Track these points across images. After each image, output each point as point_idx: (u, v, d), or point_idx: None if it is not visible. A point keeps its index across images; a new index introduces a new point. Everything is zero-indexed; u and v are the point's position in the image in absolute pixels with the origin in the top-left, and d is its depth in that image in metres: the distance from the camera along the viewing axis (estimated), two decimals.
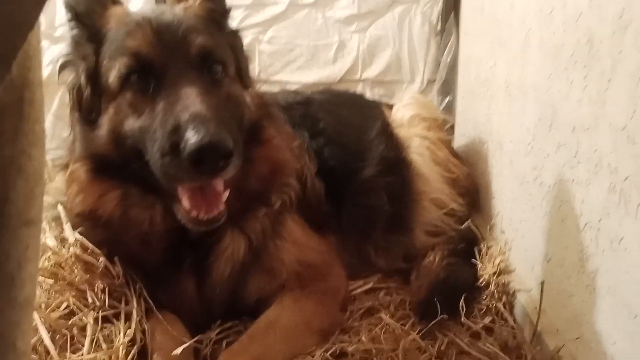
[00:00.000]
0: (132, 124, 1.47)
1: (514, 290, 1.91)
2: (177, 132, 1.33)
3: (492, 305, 1.90)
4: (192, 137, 1.28)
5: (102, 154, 1.54)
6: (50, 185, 1.82)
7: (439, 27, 3.28)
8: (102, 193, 1.56)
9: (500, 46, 2.21)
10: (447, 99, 3.27)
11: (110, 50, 1.50)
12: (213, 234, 1.62)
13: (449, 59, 3.19)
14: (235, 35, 1.75)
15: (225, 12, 1.73)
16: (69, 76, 1.59)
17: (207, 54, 1.52)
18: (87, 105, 1.54)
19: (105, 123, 1.51)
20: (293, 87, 2.93)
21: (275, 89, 2.41)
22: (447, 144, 2.55)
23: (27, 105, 0.74)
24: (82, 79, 1.54)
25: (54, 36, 2.96)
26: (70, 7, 1.56)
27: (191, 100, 1.37)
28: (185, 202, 1.44)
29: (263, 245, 1.71)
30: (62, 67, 1.61)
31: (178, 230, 1.56)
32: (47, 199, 1.76)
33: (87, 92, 1.53)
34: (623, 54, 1.22)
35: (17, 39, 0.64)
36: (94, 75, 1.52)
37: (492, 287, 1.96)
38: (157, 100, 1.42)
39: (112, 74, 1.47)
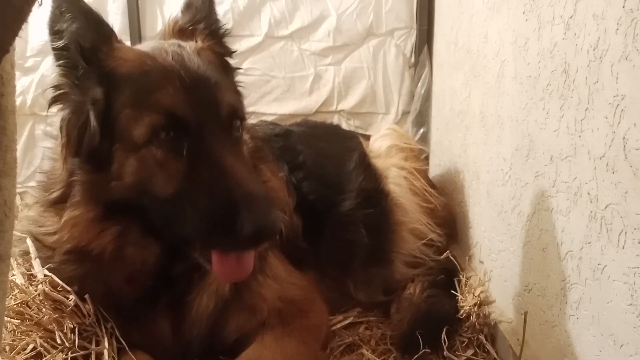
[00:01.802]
0: (163, 183, 1.41)
1: (495, 322, 1.89)
2: (230, 208, 1.31)
3: (474, 337, 1.88)
4: (252, 222, 1.29)
5: (119, 200, 1.46)
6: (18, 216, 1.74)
7: (412, 60, 3.35)
8: (102, 229, 1.49)
9: (474, 78, 2.25)
10: (421, 130, 3.32)
11: (132, 98, 1.42)
12: (198, 269, 1.56)
13: (423, 91, 3.25)
14: (235, 72, 1.73)
15: (230, 55, 1.71)
16: (63, 111, 1.49)
17: (233, 112, 1.50)
18: (93, 148, 1.45)
19: (128, 175, 1.43)
20: (269, 119, 2.93)
21: (251, 120, 2.39)
22: (424, 174, 2.56)
23: None
24: (93, 122, 1.43)
25: (24, 67, 2.92)
26: (74, 41, 1.43)
27: (239, 174, 1.36)
28: (216, 265, 1.42)
29: (245, 281, 1.66)
30: (55, 100, 1.49)
31: (164, 268, 1.53)
32: (15, 232, 1.68)
33: (97, 137, 1.43)
34: (600, 84, 1.24)
35: None
36: (105, 120, 1.43)
37: (473, 318, 1.94)
38: (194, 165, 1.38)
39: (139, 127, 1.39)
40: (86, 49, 1.45)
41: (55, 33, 1.44)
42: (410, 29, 3.33)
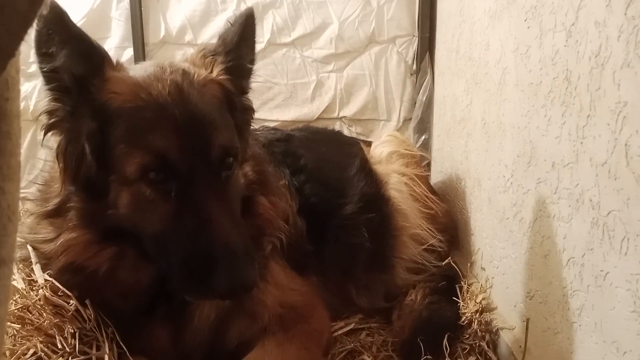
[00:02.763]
0: (152, 220, 1.42)
1: (497, 329, 1.89)
2: (207, 261, 1.34)
3: (476, 344, 1.88)
4: (226, 278, 1.32)
5: (116, 226, 1.47)
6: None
7: (414, 67, 3.36)
8: (99, 250, 1.50)
9: (476, 85, 2.25)
10: (422, 137, 3.32)
11: (125, 135, 1.40)
12: None
13: (424, 98, 3.26)
14: (246, 111, 1.68)
15: (243, 92, 1.67)
16: (59, 138, 1.47)
17: (225, 153, 1.47)
18: (90, 178, 1.45)
19: (123, 207, 1.43)
20: (271, 125, 2.93)
21: (253, 126, 2.40)
22: (425, 180, 2.56)
23: (4, 137, 0.70)
24: (89, 157, 1.42)
25: (27, 72, 2.92)
26: (65, 68, 1.40)
27: (222, 225, 1.37)
28: None
29: None
30: (50, 128, 1.47)
31: (160, 285, 1.53)
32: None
33: (93, 169, 1.43)
34: (601, 91, 1.25)
35: None
36: (100, 153, 1.42)
37: (474, 325, 1.94)
38: (181, 209, 1.39)
39: (130, 165, 1.38)
40: (78, 77, 1.41)
41: (43, 55, 1.38)
42: (412, 37, 3.34)
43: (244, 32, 1.61)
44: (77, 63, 1.40)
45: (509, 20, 1.86)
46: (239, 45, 1.62)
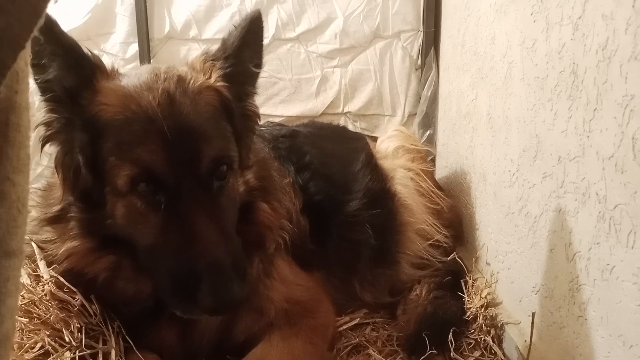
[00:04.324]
0: (144, 232, 1.42)
1: (502, 323, 1.89)
2: (193, 277, 1.32)
3: (481, 339, 1.88)
4: (211, 295, 1.31)
5: (114, 234, 1.47)
6: None
7: (419, 62, 3.35)
8: (97, 258, 1.50)
9: (481, 79, 2.24)
10: (427, 132, 3.31)
11: (115, 148, 1.39)
12: None
13: (429, 93, 3.25)
14: (248, 118, 1.64)
15: (244, 98, 1.63)
16: (56, 149, 1.48)
17: (216, 163, 1.44)
18: (87, 190, 1.45)
19: (119, 218, 1.44)
20: (276, 120, 2.93)
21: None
22: (431, 175, 2.56)
23: (13, 129, 0.70)
24: (83, 169, 1.43)
25: None
26: (57, 80, 1.39)
27: (209, 240, 1.35)
28: None
29: (254, 286, 1.66)
30: (47, 140, 1.46)
31: None
32: None
33: (89, 180, 1.43)
34: (608, 84, 1.24)
35: (7, 57, 0.61)
36: (94, 165, 1.42)
37: (479, 320, 1.94)
38: (169, 222, 1.38)
39: (121, 177, 1.38)
40: (69, 89, 1.41)
41: (35, 67, 1.36)
42: (417, 31, 3.33)
43: (246, 36, 1.56)
44: (67, 75, 1.40)
45: (515, 13, 1.85)
46: (240, 50, 1.57)
